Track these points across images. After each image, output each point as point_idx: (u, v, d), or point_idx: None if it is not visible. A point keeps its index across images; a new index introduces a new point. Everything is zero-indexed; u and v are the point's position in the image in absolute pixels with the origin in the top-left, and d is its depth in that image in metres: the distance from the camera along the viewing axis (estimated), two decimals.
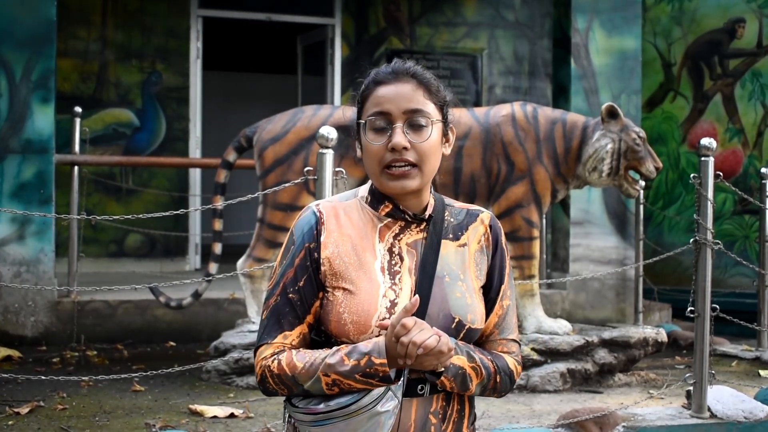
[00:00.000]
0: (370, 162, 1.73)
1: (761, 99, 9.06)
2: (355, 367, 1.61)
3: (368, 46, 9.41)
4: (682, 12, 9.38)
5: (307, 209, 1.77)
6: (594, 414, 4.03)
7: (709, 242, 4.25)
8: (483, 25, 9.63)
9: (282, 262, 1.76)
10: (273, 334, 1.72)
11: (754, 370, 5.82)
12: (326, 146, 3.64)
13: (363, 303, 1.69)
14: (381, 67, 1.79)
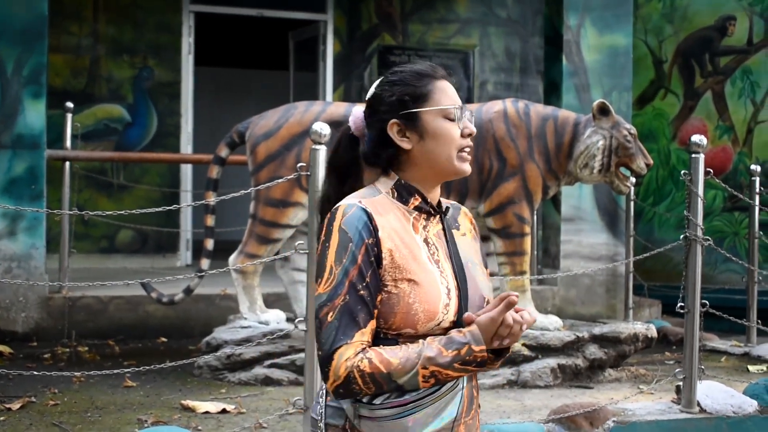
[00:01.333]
0: (446, 146, 1.86)
1: (751, 96, 9.10)
2: (456, 357, 1.71)
3: (360, 43, 9.42)
4: (673, 9, 9.41)
5: (350, 207, 1.80)
6: (584, 409, 4.06)
7: (699, 238, 4.27)
8: (475, 21, 9.65)
9: (340, 260, 1.75)
10: (350, 333, 1.73)
11: (743, 365, 5.86)
12: (319, 142, 3.64)
13: (429, 292, 1.79)
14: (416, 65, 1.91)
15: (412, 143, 1.86)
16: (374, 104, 1.89)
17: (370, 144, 1.89)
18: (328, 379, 1.73)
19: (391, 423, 1.74)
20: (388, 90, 1.87)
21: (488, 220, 5.29)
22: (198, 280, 5.52)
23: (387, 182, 1.88)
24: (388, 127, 1.85)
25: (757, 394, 4.46)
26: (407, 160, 1.87)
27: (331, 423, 1.81)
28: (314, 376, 3.64)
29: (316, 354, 1.78)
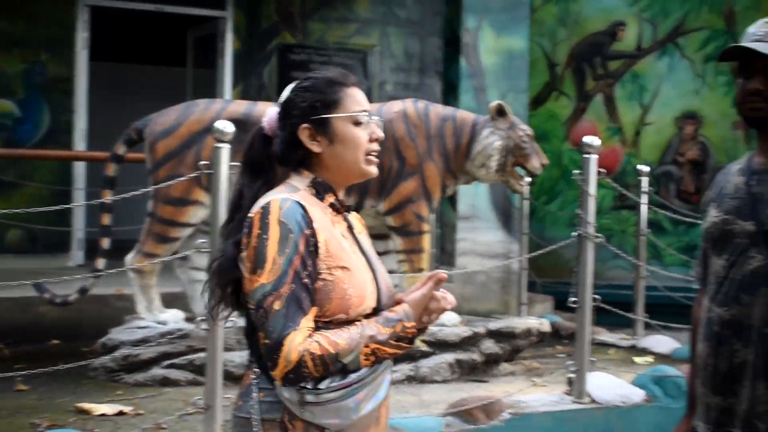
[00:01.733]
0: (354, 150, 1.98)
1: (639, 99, 9.47)
2: (392, 334, 1.86)
3: (260, 40, 9.37)
4: (567, 14, 9.70)
5: (285, 201, 1.88)
6: (481, 402, 4.17)
7: (590, 236, 4.45)
8: (375, 21, 9.73)
9: (283, 251, 1.83)
10: (296, 320, 1.81)
11: (630, 357, 6.10)
12: (222, 140, 3.64)
13: (360, 278, 1.92)
14: (329, 72, 2.03)
15: (322, 147, 1.96)
16: (287, 108, 1.99)
17: (282, 145, 1.98)
18: (277, 366, 1.78)
19: (336, 405, 1.83)
20: (301, 95, 1.97)
21: (388, 218, 5.36)
22: (93, 280, 5.42)
23: (302, 180, 1.98)
24: (299, 130, 1.95)
25: (644, 384, 4.66)
26: (318, 162, 1.98)
27: (267, 418, 1.85)
28: (216, 376, 3.63)
29: (262, 344, 1.79)
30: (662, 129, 9.41)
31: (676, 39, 9.39)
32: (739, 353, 2.15)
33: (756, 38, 2.17)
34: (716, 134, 9.26)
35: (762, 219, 2.14)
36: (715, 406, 2.20)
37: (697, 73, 9.30)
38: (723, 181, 2.32)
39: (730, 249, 2.20)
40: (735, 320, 2.16)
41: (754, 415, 2.12)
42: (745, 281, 2.15)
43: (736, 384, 2.16)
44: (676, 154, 9.37)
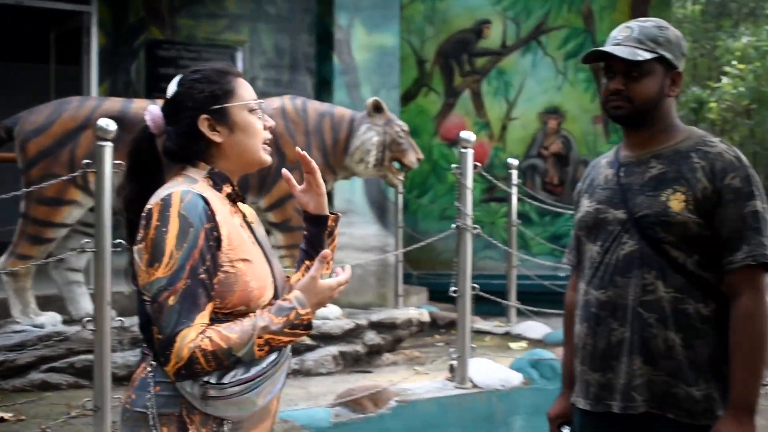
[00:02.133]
0: (253, 139, 1.98)
1: (505, 95, 9.80)
2: (286, 323, 1.83)
3: (127, 36, 9.16)
4: (434, 12, 9.93)
5: (186, 193, 1.84)
6: (369, 391, 4.27)
7: (468, 227, 4.61)
8: (244, 17, 9.67)
9: (181, 245, 1.79)
10: (191, 316, 1.77)
11: (506, 343, 6.35)
12: (105, 138, 3.59)
13: (261, 270, 1.91)
14: (214, 63, 2.01)
15: (222, 136, 1.95)
16: (179, 101, 1.94)
17: (177, 139, 1.94)
18: (169, 362, 1.74)
19: (239, 399, 1.81)
20: (195, 87, 1.94)
21: (268, 214, 5.39)
22: None
23: (199, 171, 1.95)
24: (198, 122, 1.92)
25: (522, 368, 4.88)
26: (217, 152, 1.96)
27: (164, 412, 1.81)
28: (104, 376, 3.59)
29: (156, 338, 1.77)
30: (527, 124, 9.77)
31: (538, 37, 9.76)
32: (616, 332, 2.30)
33: (616, 42, 2.34)
34: (578, 128, 9.68)
35: (631, 207, 2.30)
36: (595, 382, 2.34)
37: (559, 70, 9.70)
38: (593, 174, 2.48)
39: (604, 236, 2.35)
40: (611, 301, 2.31)
41: (631, 387, 2.27)
42: (619, 265, 2.30)
43: (613, 360, 2.30)
44: (540, 148, 9.75)
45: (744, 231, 2.21)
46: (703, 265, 2.25)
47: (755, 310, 2.20)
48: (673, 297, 2.24)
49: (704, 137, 2.33)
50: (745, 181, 2.23)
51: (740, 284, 2.22)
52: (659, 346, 2.25)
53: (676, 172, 2.27)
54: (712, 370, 2.25)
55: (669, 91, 2.33)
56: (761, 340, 2.20)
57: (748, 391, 2.18)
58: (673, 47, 2.31)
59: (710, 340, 2.25)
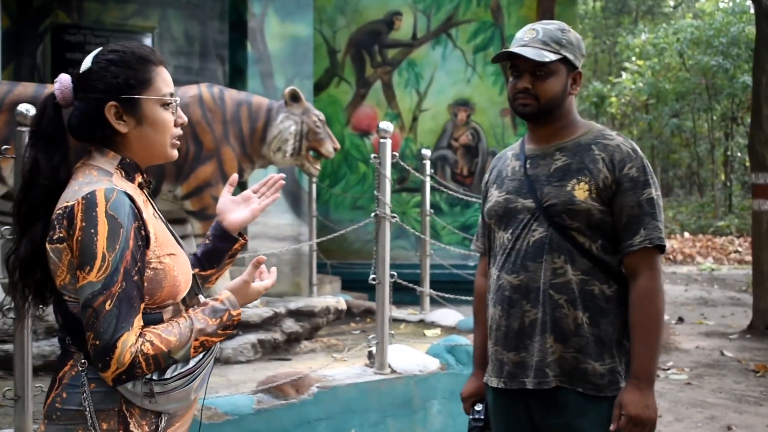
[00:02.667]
0: (162, 134, 1.91)
1: (416, 87, 9.92)
2: (219, 324, 1.87)
3: (32, 19, 8.93)
4: (346, 2, 9.97)
5: (111, 191, 1.78)
6: (290, 378, 4.31)
7: (387, 216, 4.69)
8: (154, 3, 9.53)
9: (113, 247, 1.74)
10: (129, 320, 1.74)
11: (420, 330, 6.46)
12: (25, 123, 3.53)
13: (185, 262, 1.93)
14: (136, 46, 1.91)
15: (128, 127, 1.87)
16: (89, 79, 1.85)
17: (81, 119, 1.86)
18: (108, 368, 1.72)
19: (180, 392, 1.83)
20: (109, 70, 1.85)
21: (186, 202, 5.36)
22: None
23: (109, 161, 1.87)
24: (105, 108, 1.84)
25: (439, 353, 5.00)
26: (121, 142, 1.88)
27: (103, 408, 1.79)
28: (26, 366, 3.53)
29: (91, 344, 1.73)
30: (437, 115, 9.92)
31: (448, 30, 9.91)
32: (529, 313, 2.46)
33: (523, 43, 2.51)
34: (486, 120, 9.89)
35: (540, 197, 2.47)
36: (509, 361, 2.50)
37: (468, 63, 9.87)
38: (500, 166, 2.66)
39: (514, 224, 2.52)
40: (523, 285, 2.47)
41: (544, 365, 2.43)
42: (530, 250, 2.47)
43: (527, 340, 2.47)
44: (450, 139, 9.91)
45: (641, 216, 2.41)
46: (606, 249, 2.45)
47: (652, 289, 2.40)
48: (580, 279, 2.43)
49: (603, 131, 2.53)
50: (641, 170, 2.44)
51: (638, 265, 2.41)
52: (569, 324, 2.42)
53: (579, 164, 2.46)
54: (616, 345, 2.44)
55: (571, 90, 2.52)
56: (658, 316, 2.40)
57: (647, 363, 2.38)
58: (574, 49, 2.51)
59: (613, 319, 2.44)
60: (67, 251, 1.76)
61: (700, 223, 20.41)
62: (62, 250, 1.77)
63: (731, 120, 18.59)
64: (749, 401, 6.40)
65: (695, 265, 16.94)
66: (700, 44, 16.51)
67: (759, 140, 9.27)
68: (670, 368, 7.54)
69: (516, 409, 2.50)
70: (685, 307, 11.38)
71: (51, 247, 1.78)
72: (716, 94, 17.30)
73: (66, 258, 1.77)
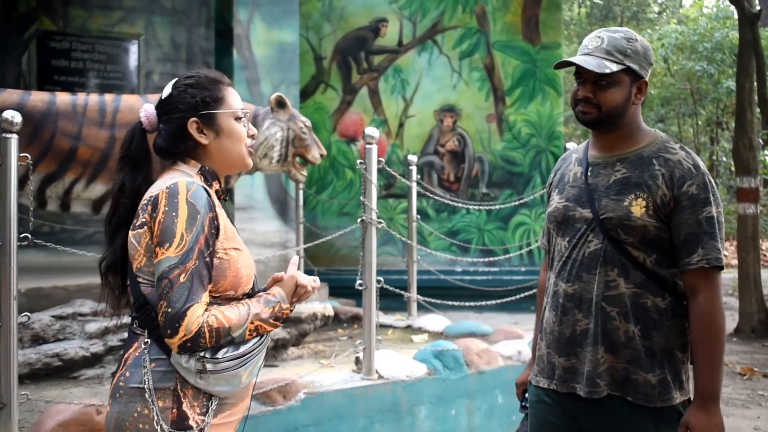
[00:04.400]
0: (238, 144, 2.18)
1: (402, 93, 9.94)
2: (272, 313, 2.08)
3: (17, 26, 8.90)
4: (331, 9, 9.99)
5: (192, 183, 2.02)
6: (278, 384, 4.30)
7: (374, 221, 4.69)
8: (139, 10, 9.52)
9: (191, 229, 1.97)
10: (199, 293, 1.96)
11: (408, 336, 6.46)
12: (10, 131, 3.52)
13: (249, 259, 2.15)
14: (209, 71, 2.20)
15: (209, 139, 2.14)
16: (172, 103, 2.14)
17: (167, 138, 2.13)
18: (176, 334, 1.92)
19: (229, 374, 2.00)
20: (188, 92, 2.13)
21: None
22: None
23: (191, 168, 2.13)
24: (188, 124, 2.12)
25: (426, 359, 4.99)
26: (203, 153, 2.15)
27: (160, 387, 1.99)
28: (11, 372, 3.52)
29: (163, 312, 1.93)
30: (423, 121, 9.93)
31: (434, 36, 9.93)
32: (581, 322, 2.48)
33: (587, 51, 2.49)
34: (472, 126, 9.90)
35: (597, 209, 2.47)
36: (560, 365, 2.53)
37: (454, 69, 9.89)
38: (563, 169, 2.67)
39: (572, 232, 2.53)
40: (577, 294, 2.49)
41: (596, 374, 2.46)
42: (585, 261, 2.48)
43: (578, 348, 2.49)
44: (437, 145, 9.93)
45: (699, 235, 2.39)
46: (661, 263, 2.44)
47: (712, 308, 2.39)
48: (633, 292, 2.44)
49: (666, 143, 2.50)
50: (702, 188, 2.41)
51: (697, 284, 2.40)
52: (620, 336, 2.44)
53: (638, 178, 2.44)
54: (667, 356, 2.44)
55: (635, 99, 2.49)
56: (718, 335, 2.39)
57: (711, 382, 2.38)
58: (640, 58, 2.48)
59: (666, 330, 2.44)
60: (146, 235, 2.00)
61: None
62: (142, 235, 2.00)
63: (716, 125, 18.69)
64: (736, 404, 6.43)
65: None
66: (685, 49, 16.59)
67: (743, 144, 9.32)
68: None
69: (564, 411, 2.53)
70: None
71: (133, 233, 2.03)
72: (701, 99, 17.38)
73: (144, 241, 2.00)
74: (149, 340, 2.01)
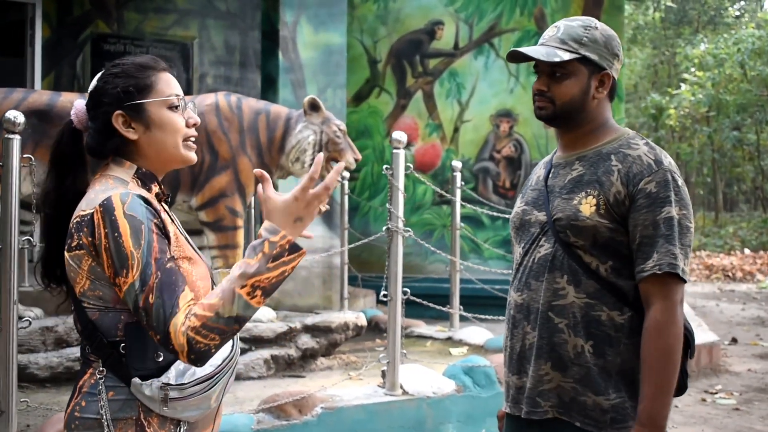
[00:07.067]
0: (171, 136, 1.92)
1: (457, 97, 9.72)
2: (263, 258, 1.70)
3: (72, 29, 8.97)
4: (387, 12, 9.83)
5: (126, 195, 1.81)
6: (293, 397, 4.15)
7: (400, 230, 4.50)
8: (194, 13, 9.52)
9: (138, 243, 1.76)
10: (175, 303, 1.73)
11: (447, 348, 6.26)
12: (13, 131, 3.44)
13: (204, 269, 1.91)
14: (137, 57, 1.97)
15: (138, 133, 1.91)
16: (97, 96, 1.92)
17: (95, 136, 1.92)
18: (179, 354, 1.71)
19: (197, 398, 1.82)
20: (111, 82, 1.91)
21: (200, 213, 5.25)
22: None
23: (125, 171, 1.92)
24: (113, 118, 1.90)
25: (455, 375, 4.78)
26: (134, 150, 1.93)
27: (121, 417, 1.81)
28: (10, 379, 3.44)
29: (157, 341, 1.74)
30: (479, 126, 9.70)
31: (490, 39, 9.69)
32: (529, 335, 2.25)
33: (542, 42, 2.28)
34: (530, 132, 9.63)
35: (550, 210, 2.23)
36: (513, 384, 2.30)
37: (511, 73, 9.64)
38: (532, 175, 2.45)
39: (526, 238, 2.30)
40: (525, 304, 2.26)
41: (536, 393, 2.21)
42: (534, 268, 2.25)
43: (527, 364, 2.25)
44: (492, 151, 9.68)
45: (655, 238, 2.13)
46: (618, 271, 2.18)
47: (663, 322, 2.11)
48: (584, 303, 2.18)
49: (630, 139, 2.26)
50: (662, 185, 2.15)
51: (650, 294, 2.14)
52: (568, 352, 2.19)
53: (592, 175, 2.21)
54: (625, 379, 2.18)
55: (596, 93, 2.26)
56: (669, 354, 2.11)
57: (655, 407, 2.10)
58: (599, 47, 2.25)
59: (623, 349, 2.18)
60: (87, 257, 1.80)
61: (762, 240, 19.74)
62: (81, 257, 1.81)
63: None
64: None
65: (755, 283, 16.36)
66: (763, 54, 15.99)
67: None
68: (717, 392, 7.18)
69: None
70: (741, 326, 10.93)
71: (69, 255, 1.83)
72: None
73: (87, 264, 1.81)
74: (104, 369, 1.83)
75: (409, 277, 5.88)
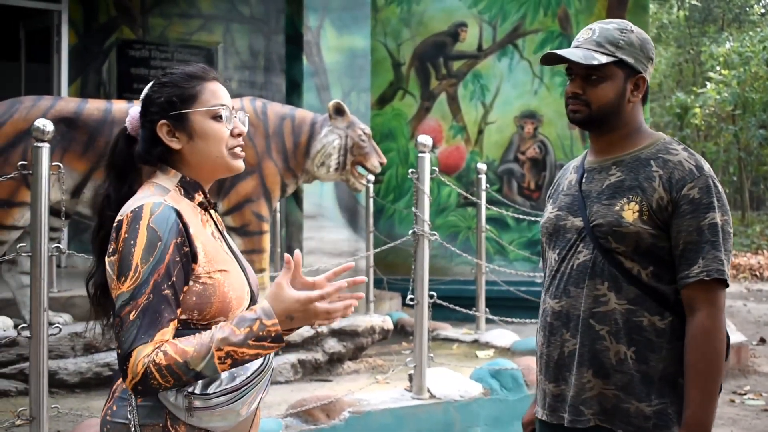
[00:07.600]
0: (216, 145, 1.92)
1: (481, 99, 9.70)
2: (248, 334, 1.72)
3: (98, 35, 9.04)
4: (410, 14, 9.83)
5: (158, 205, 1.81)
6: (321, 402, 4.16)
7: (426, 233, 4.50)
8: (218, 18, 9.56)
9: (147, 259, 1.76)
10: (151, 332, 1.73)
11: (473, 351, 6.24)
12: (42, 139, 3.47)
13: (237, 280, 1.89)
14: (187, 66, 1.97)
15: (181, 143, 1.92)
16: (146, 105, 1.94)
17: (143, 144, 1.94)
18: (126, 377, 1.72)
19: (224, 409, 1.79)
20: (158, 91, 1.93)
21: (227, 218, 5.28)
22: None
23: (170, 179, 1.93)
24: (157, 127, 1.91)
25: (482, 378, 4.77)
26: (179, 159, 1.94)
27: (147, 423, 1.81)
28: (41, 385, 3.46)
29: (117, 352, 1.74)
30: (503, 128, 9.68)
31: (514, 40, 9.67)
32: (568, 343, 2.23)
33: (577, 44, 2.26)
34: (554, 133, 9.59)
35: (588, 216, 2.22)
36: (550, 392, 2.28)
37: (535, 74, 9.61)
38: (561, 178, 2.42)
39: (562, 243, 2.28)
40: (564, 311, 2.24)
41: (580, 401, 2.20)
42: (573, 274, 2.23)
43: (566, 371, 2.24)
44: (517, 152, 9.65)
45: (700, 244, 2.12)
46: (660, 276, 2.18)
47: (710, 328, 2.11)
48: (626, 309, 2.17)
49: (668, 144, 2.25)
50: (705, 191, 2.14)
51: (696, 300, 2.13)
52: (610, 359, 2.18)
53: (633, 181, 2.20)
54: (668, 384, 2.17)
55: (631, 96, 2.25)
56: (716, 359, 2.11)
57: (701, 412, 2.09)
58: (635, 51, 2.24)
59: (666, 355, 2.17)
60: (115, 263, 1.81)
61: None
62: (114, 263, 1.81)
63: None
64: None
65: None
66: None
67: None
68: (746, 393, 7.12)
69: None
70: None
71: (108, 260, 1.84)
72: None
73: (114, 270, 1.81)
74: None
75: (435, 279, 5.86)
